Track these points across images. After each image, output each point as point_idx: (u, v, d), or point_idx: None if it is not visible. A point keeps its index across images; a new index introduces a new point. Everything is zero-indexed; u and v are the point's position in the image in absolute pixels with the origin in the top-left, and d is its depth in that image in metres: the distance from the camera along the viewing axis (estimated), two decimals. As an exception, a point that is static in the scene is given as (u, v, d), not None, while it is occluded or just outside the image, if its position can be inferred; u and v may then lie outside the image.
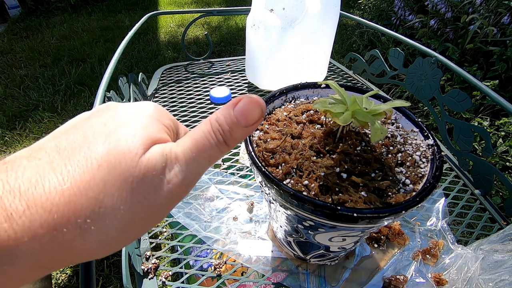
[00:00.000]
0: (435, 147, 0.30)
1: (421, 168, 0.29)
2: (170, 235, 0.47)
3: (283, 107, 0.38)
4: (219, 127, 0.17)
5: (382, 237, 0.44)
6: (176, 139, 0.19)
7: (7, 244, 0.12)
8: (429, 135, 0.32)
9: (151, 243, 0.45)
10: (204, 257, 0.44)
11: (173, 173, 0.16)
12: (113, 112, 0.17)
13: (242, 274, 0.42)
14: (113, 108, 0.17)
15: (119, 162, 0.14)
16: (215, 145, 0.17)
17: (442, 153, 0.30)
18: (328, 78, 0.90)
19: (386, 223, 0.27)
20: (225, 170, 0.58)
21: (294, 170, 0.29)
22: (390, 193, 0.27)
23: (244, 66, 0.95)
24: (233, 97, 0.80)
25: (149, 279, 0.40)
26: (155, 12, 0.87)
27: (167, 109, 0.75)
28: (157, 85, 0.85)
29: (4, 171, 0.13)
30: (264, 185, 0.28)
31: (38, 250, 0.13)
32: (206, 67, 0.96)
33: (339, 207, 0.23)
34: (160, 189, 0.15)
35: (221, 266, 0.42)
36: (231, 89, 0.82)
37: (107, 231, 0.14)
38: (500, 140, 1.29)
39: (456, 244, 0.44)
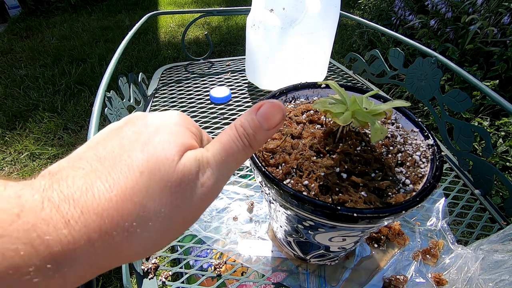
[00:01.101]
0: (435, 147, 0.30)
1: (421, 168, 0.29)
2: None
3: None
4: (244, 131, 0.18)
5: (382, 237, 0.44)
6: (200, 145, 0.20)
7: (67, 248, 0.13)
8: (429, 135, 0.32)
9: (151, 243, 0.45)
10: (204, 257, 0.44)
11: (206, 177, 0.17)
12: (144, 122, 0.18)
13: (242, 274, 0.42)
14: (143, 117, 0.18)
15: (159, 169, 0.15)
16: (242, 149, 0.18)
17: (442, 153, 0.30)
18: (328, 78, 0.90)
19: (386, 223, 0.27)
20: (225, 170, 0.58)
21: (294, 170, 0.29)
22: (390, 193, 0.27)
23: (244, 66, 0.95)
24: (232, 97, 0.80)
25: (149, 279, 0.40)
26: (155, 12, 0.87)
27: (167, 109, 0.75)
28: (157, 85, 0.85)
29: (56, 182, 0.14)
30: (264, 185, 0.28)
31: (92, 254, 0.13)
32: (206, 67, 0.96)
33: (339, 207, 0.23)
34: (195, 192, 0.16)
35: (221, 266, 0.42)
36: (231, 89, 0.82)
37: (150, 234, 0.15)
38: (500, 140, 1.29)
39: (456, 244, 0.44)
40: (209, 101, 0.78)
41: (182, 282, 0.40)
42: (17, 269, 0.11)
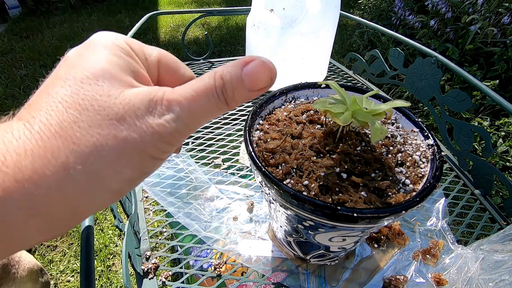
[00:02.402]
0: (435, 147, 0.30)
1: (421, 168, 0.29)
2: (170, 235, 0.47)
3: (283, 107, 0.38)
4: (223, 85, 0.16)
5: (382, 237, 0.44)
6: (174, 78, 0.19)
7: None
8: (429, 135, 0.32)
9: (151, 243, 0.45)
10: (204, 257, 0.44)
11: (164, 119, 0.15)
12: (67, 63, 0.16)
13: (242, 274, 0.42)
14: (65, 60, 0.16)
15: (90, 104, 0.14)
16: (215, 103, 0.16)
17: (442, 153, 0.30)
18: (328, 78, 0.90)
19: (386, 223, 0.27)
20: (225, 170, 0.58)
21: (294, 170, 0.29)
22: (390, 193, 0.27)
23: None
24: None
25: (149, 279, 0.40)
26: (155, 12, 0.87)
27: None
28: (157, 85, 0.85)
29: None
30: (264, 185, 0.28)
31: (28, 195, 0.13)
32: (206, 67, 0.96)
33: (339, 207, 0.23)
34: (144, 133, 0.14)
35: (221, 266, 0.42)
36: (231, 89, 0.82)
37: (98, 171, 0.14)
38: (500, 140, 1.29)
39: (456, 244, 0.44)
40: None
41: (182, 282, 0.40)
42: None
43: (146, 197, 0.52)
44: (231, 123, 0.71)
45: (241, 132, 0.67)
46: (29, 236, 0.13)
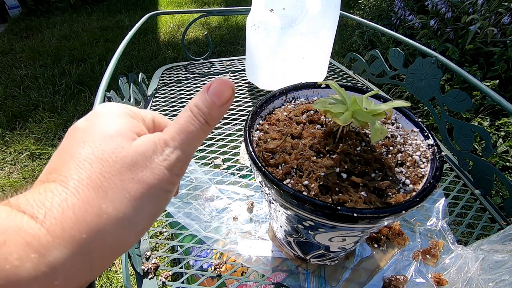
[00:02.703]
0: (435, 147, 0.30)
1: (421, 168, 0.29)
2: (170, 235, 0.47)
3: (283, 107, 0.38)
4: (199, 111, 0.19)
5: (382, 237, 0.44)
6: (148, 129, 0.21)
7: (45, 245, 0.14)
8: (429, 135, 0.32)
9: (151, 243, 0.45)
10: (204, 257, 0.44)
11: (165, 154, 0.18)
12: (76, 133, 0.18)
13: (242, 274, 0.42)
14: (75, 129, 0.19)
15: (109, 157, 0.16)
16: (199, 127, 0.19)
17: (442, 153, 0.30)
18: (328, 78, 0.90)
19: (386, 223, 0.27)
20: (225, 170, 0.58)
21: (294, 170, 0.29)
22: (390, 193, 0.27)
23: (244, 66, 0.95)
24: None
25: (149, 279, 0.40)
26: (155, 12, 0.87)
27: (167, 109, 0.75)
28: (157, 85, 0.85)
29: (30, 203, 0.15)
30: (264, 185, 0.28)
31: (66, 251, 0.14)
32: (206, 67, 0.96)
33: (339, 207, 0.23)
34: (156, 168, 0.17)
35: (221, 266, 0.42)
36: (231, 89, 0.82)
37: (125, 214, 0.16)
38: (500, 140, 1.29)
39: (456, 244, 0.44)
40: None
41: (182, 282, 0.40)
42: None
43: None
44: (231, 123, 0.71)
45: (241, 132, 0.67)
46: (75, 275, 0.15)
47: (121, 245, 0.16)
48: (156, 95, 0.81)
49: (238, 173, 0.57)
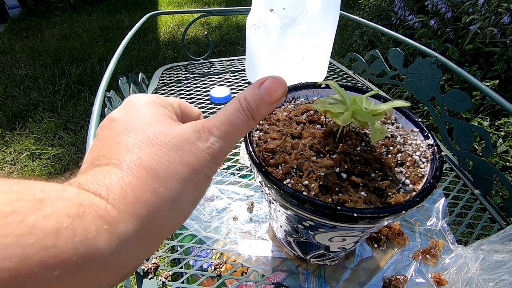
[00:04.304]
0: (435, 147, 0.30)
1: (421, 168, 0.29)
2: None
3: (283, 107, 0.38)
4: (247, 105, 0.19)
5: (382, 237, 0.44)
6: (180, 119, 0.22)
7: (113, 215, 0.14)
8: (429, 135, 0.32)
9: (151, 243, 0.45)
10: (204, 257, 0.44)
11: (210, 143, 0.18)
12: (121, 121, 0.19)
13: (242, 274, 0.42)
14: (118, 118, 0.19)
15: (155, 141, 0.17)
16: (245, 121, 0.19)
17: (442, 153, 0.30)
18: (328, 78, 0.90)
19: (386, 223, 0.27)
20: (225, 170, 0.58)
21: (294, 170, 0.29)
22: (390, 193, 0.27)
23: (244, 66, 0.95)
24: (233, 97, 0.80)
25: (149, 279, 0.40)
26: (155, 12, 0.87)
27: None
28: (157, 85, 0.85)
29: (91, 179, 0.16)
30: (264, 185, 0.28)
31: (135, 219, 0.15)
32: (206, 67, 0.96)
33: (339, 207, 0.23)
34: (200, 154, 0.17)
35: (221, 266, 0.42)
36: (231, 89, 0.82)
37: (173, 189, 0.16)
38: (500, 140, 1.29)
39: (456, 244, 0.44)
40: (209, 101, 0.78)
41: (182, 282, 0.40)
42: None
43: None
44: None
45: (241, 132, 0.67)
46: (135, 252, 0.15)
47: (171, 225, 0.17)
48: (156, 95, 0.81)
49: (238, 173, 0.57)
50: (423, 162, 0.30)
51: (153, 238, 0.16)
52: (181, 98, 0.80)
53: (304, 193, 0.26)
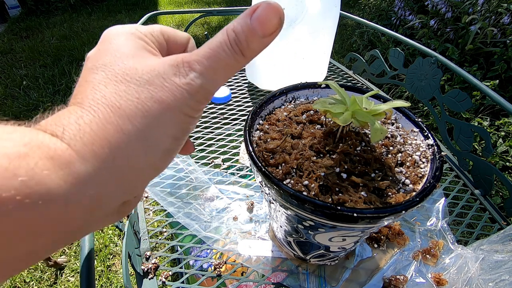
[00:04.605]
0: (435, 147, 0.30)
1: (421, 168, 0.29)
2: (170, 235, 0.47)
3: (283, 107, 0.38)
4: (235, 37, 0.16)
5: (382, 237, 0.44)
6: (176, 45, 0.21)
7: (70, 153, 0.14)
8: (429, 135, 0.32)
9: (151, 243, 0.45)
10: (204, 257, 0.44)
11: (189, 78, 0.16)
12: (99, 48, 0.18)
13: (242, 274, 0.42)
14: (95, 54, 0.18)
15: (123, 76, 0.16)
16: (232, 56, 0.16)
17: (442, 153, 0.30)
18: (328, 78, 0.90)
19: (386, 223, 0.27)
20: (225, 170, 0.58)
21: (294, 170, 0.29)
22: (390, 193, 0.27)
23: (244, 66, 0.95)
24: (233, 97, 0.80)
25: (149, 279, 0.40)
26: (155, 12, 0.87)
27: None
28: (157, 85, 0.85)
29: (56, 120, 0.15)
30: (264, 185, 0.28)
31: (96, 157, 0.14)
32: (206, 67, 0.95)
33: (339, 207, 0.23)
34: (175, 91, 0.16)
35: (221, 266, 0.42)
36: (231, 89, 0.82)
37: (143, 125, 0.15)
38: (500, 140, 1.29)
39: (456, 244, 0.44)
40: (209, 101, 0.78)
41: (182, 282, 0.40)
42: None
43: (146, 197, 0.53)
44: (231, 123, 0.71)
45: (241, 132, 0.67)
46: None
47: (147, 164, 0.16)
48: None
49: (238, 173, 0.57)
50: (423, 162, 0.30)
51: (125, 178, 0.15)
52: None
53: (304, 193, 0.26)
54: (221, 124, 0.70)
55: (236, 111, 0.75)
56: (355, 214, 0.23)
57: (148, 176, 0.17)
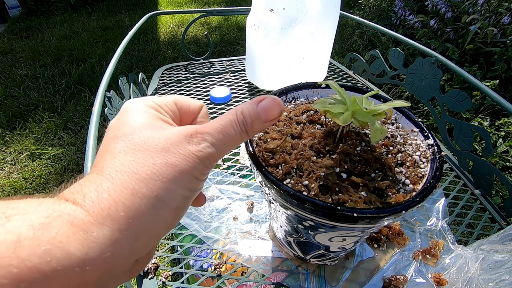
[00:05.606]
0: (435, 147, 0.30)
1: (421, 168, 0.29)
2: (170, 235, 0.47)
3: (283, 107, 0.38)
4: (243, 119, 0.20)
5: (382, 237, 0.44)
6: (188, 113, 0.23)
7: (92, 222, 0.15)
8: (429, 135, 0.32)
9: (151, 243, 0.45)
10: (204, 257, 0.44)
11: (201, 147, 0.19)
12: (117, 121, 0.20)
13: (242, 274, 0.42)
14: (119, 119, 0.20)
15: (141, 146, 0.18)
16: (239, 133, 0.20)
17: (442, 153, 0.30)
18: (328, 78, 0.90)
19: (386, 223, 0.27)
20: (225, 170, 0.58)
21: (294, 170, 0.29)
22: (390, 193, 0.27)
23: (244, 66, 0.95)
24: (233, 97, 0.80)
25: (149, 279, 0.40)
26: (155, 12, 0.87)
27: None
28: (157, 85, 0.85)
29: (80, 193, 0.17)
30: (264, 185, 0.28)
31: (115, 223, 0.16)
32: (206, 67, 0.96)
33: (339, 207, 0.23)
34: (188, 157, 0.18)
35: (221, 266, 0.42)
36: (231, 89, 0.82)
37: (156, 189, 0.17)
38: (500, 140, 1.29)
39: (456, 244, 0.44)
40: (209, 101, 0.78)
41: (182, 282, 0.40)
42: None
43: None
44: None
45: (241, 132, 0.67)
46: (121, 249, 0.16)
47: (161, 222, 0.17)
48: (156, 95, 0.81)
49: (238, 173, 0.57)
50: (423, 162, 0.30)
51: (139, 237, 0.16)
52: (181, 98, 0.80)
53: (304, 193, 0.26)
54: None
55: (236, 111, 0.75)
56: (355, 214, 0.23)
57: (160, 233, 0.18)
